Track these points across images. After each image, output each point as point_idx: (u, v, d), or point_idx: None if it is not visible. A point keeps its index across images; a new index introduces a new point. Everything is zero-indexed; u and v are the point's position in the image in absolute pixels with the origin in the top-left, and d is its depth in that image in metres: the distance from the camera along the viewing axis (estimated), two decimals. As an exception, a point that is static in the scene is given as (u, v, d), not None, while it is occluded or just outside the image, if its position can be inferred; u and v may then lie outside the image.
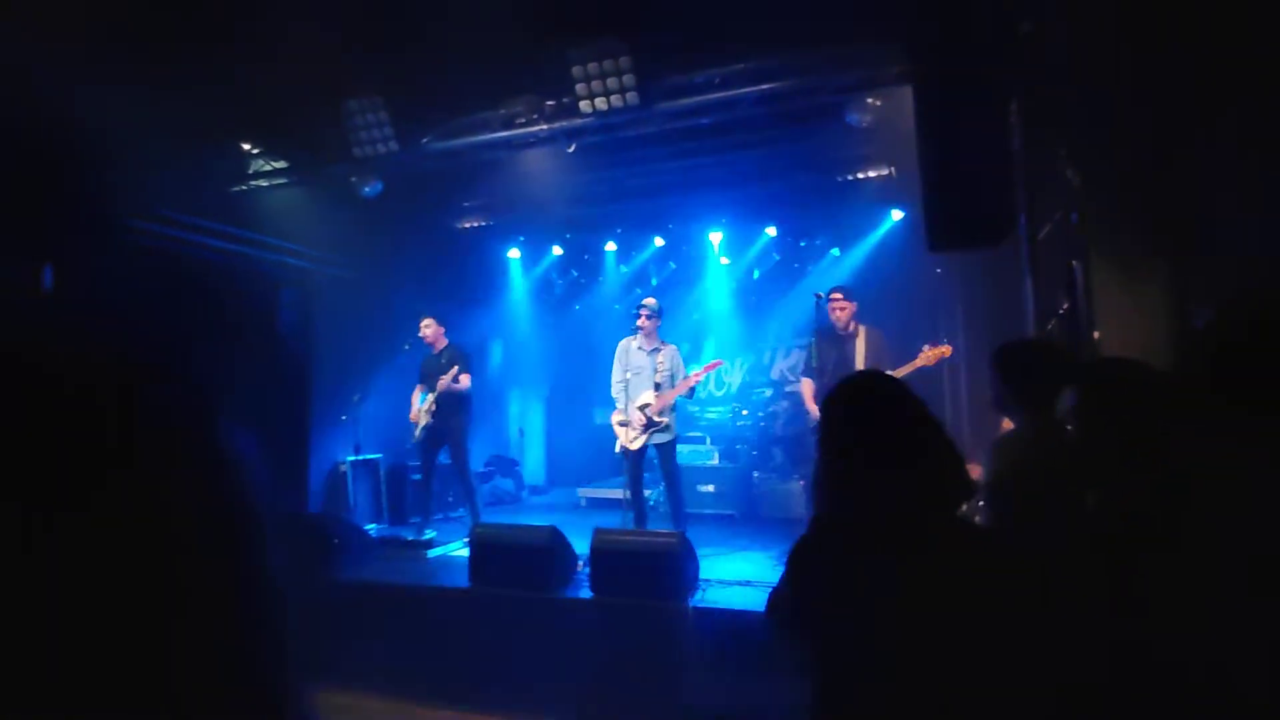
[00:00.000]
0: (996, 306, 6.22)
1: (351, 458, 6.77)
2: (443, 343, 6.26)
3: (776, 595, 1.58)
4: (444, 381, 5.94)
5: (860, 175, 6.58)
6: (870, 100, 4.85)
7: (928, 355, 4.99)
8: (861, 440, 1.49)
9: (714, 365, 5.68)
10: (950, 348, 5.07)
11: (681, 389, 5.37)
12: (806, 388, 5.43)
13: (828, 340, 5.29)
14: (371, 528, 6.37)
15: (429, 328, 6.23)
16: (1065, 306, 3.77)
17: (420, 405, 6.14)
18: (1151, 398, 1.73)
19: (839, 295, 5.25)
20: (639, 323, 5.50)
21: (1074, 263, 3.64)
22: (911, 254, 7.22)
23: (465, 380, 5.99)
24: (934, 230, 3.47)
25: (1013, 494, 2.21)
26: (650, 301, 5.62)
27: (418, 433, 6.15)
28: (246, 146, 6.06)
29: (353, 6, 4.14)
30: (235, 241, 6.07)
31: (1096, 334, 3.42)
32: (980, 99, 3.26)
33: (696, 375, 5.41)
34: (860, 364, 5.11)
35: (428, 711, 3.94)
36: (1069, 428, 1.97)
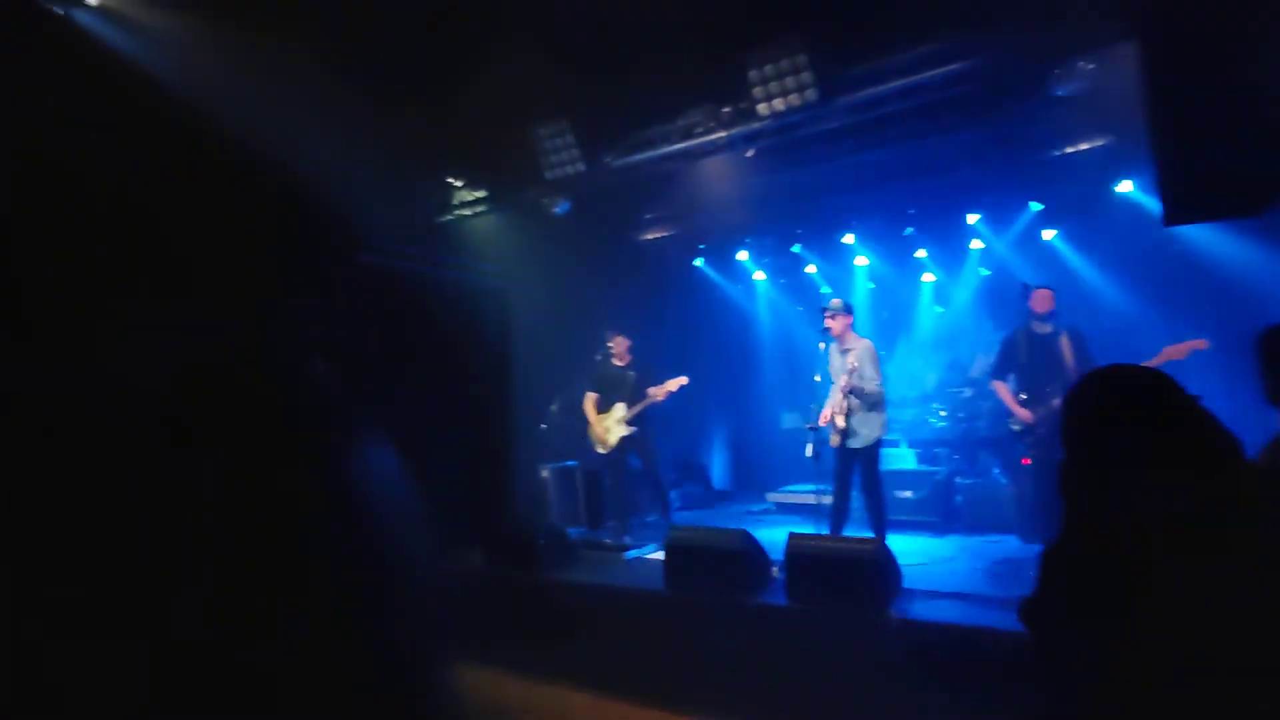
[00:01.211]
0: (1254, 285, 5.37)
1: (552, 464, 7.15)
2: (628, 358, 6.35)
3: (1031, 603, 1.47)
4: (660, 394, 6.06)
5: (1072, 149, 5.96)
6: (1081, 64, 4.37)
7: (1169, 351, 4.41)
8: (1120, 438, 1.32)
9: (859, 363, 5.24)
10: (1205, 341, 4.38)
11: (843, 388, 5.10)
12: (1001, 389, 5.30)
13: (1027, 340, 5.14)
14: (572, 531, 6.70)
15: (619, 343, 6.33)
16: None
17: (612, 416, 6.27)
18: None
19: (1042, 290, 5.16)
20: (825, 324, 5.29)
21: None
22: (1144, 230, 6.40)
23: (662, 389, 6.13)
24: (1171, 201, 3.05)
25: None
26: (835, 302, 5.36)
27: (612, 443, 6.24)
28: (451, 180, 6.70)
29: (539, 38, 4.41)
30: (443, 266, 6.69)
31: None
32: (1225, 38, 2.81)
33: (843, 382, 5.12)
34: (1067, 364, 4.86)
35: (626, 709, 4.05)
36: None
